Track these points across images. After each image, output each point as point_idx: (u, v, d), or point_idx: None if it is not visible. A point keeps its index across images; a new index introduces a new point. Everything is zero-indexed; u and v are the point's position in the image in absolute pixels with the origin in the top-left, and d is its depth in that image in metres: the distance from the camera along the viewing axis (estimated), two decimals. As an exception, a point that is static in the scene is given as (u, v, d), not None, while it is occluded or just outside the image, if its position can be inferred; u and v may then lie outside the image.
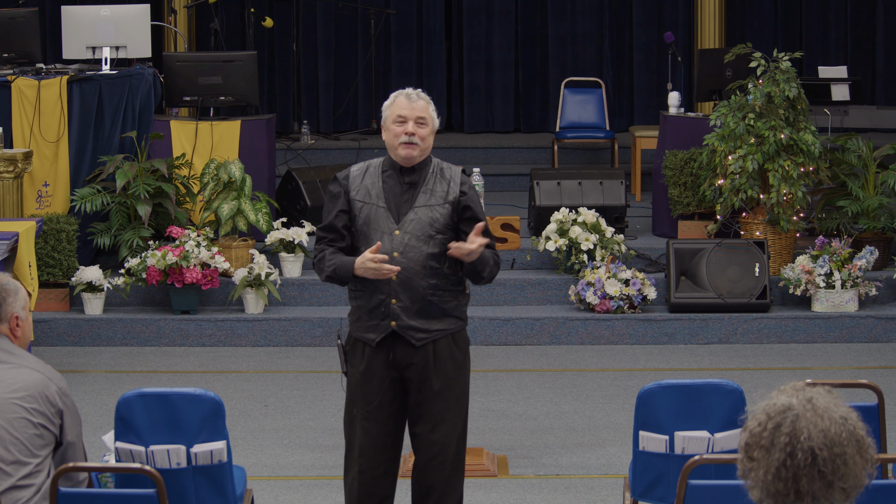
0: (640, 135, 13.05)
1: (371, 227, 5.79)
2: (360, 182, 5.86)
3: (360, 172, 5.90)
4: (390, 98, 5.97)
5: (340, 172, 5.97)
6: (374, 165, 5.94)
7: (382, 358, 5.81)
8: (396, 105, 5.87)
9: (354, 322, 5.88)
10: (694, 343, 10.34)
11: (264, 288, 10.33)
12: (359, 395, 5.88)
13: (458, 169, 6.01)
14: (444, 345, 5.83)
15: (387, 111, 5.91)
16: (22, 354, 4.85)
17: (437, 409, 5.88)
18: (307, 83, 15.40)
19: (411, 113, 5.83)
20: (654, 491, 5.75)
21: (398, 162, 5.87)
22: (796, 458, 3.06)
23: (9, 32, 11.09)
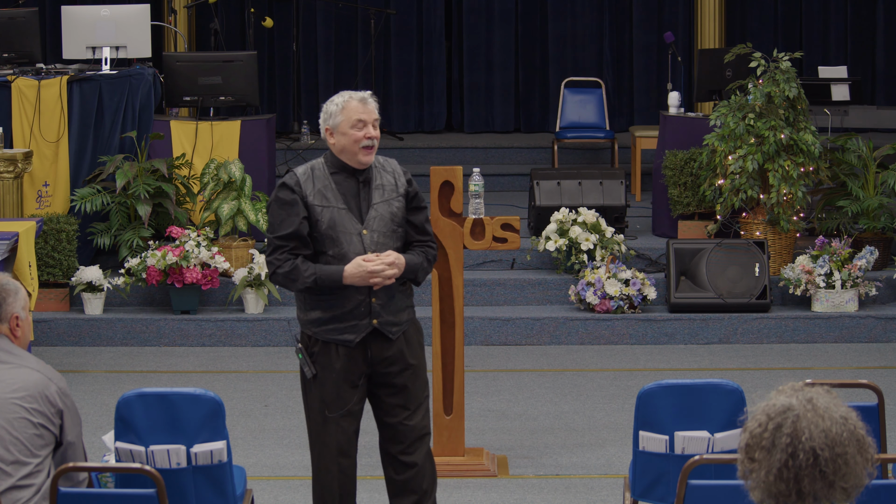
0: (640, 135, 13.06)
1: (337, 229, 5.77)
2: (312, 186, 5.82)
3: (307, 177, 5.84)
4: (337, 103, 5.94)
5: (288, 178, 5.84)
6: (317, 168, 5.88)
7: (360, 356, 5.83)
8: (352, 110, 5.87)
9: (323, 326, 5.81)
10: (694, 343, 10.34)
11: (264, 288, 10.33)
12: (333, 396, 5.87)
13: (392, 160, 6.08)
14: (410, 333, 5.94)
15: (339, 116, 5.89)
16: (22, 354, 4.85)
17: (413, 396, 5.96)
18: (307, 83, 15.40)
19: (369, 116, 5.86)
20: (654, 491, 5.76)
21: (353, 165, 5.85)
22: (798, 459, 3.06)
23: (9, 32, 11.09)
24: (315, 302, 5.81)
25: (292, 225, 5.77)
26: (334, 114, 5.94)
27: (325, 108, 6.00)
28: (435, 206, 7.48)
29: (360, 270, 5.69)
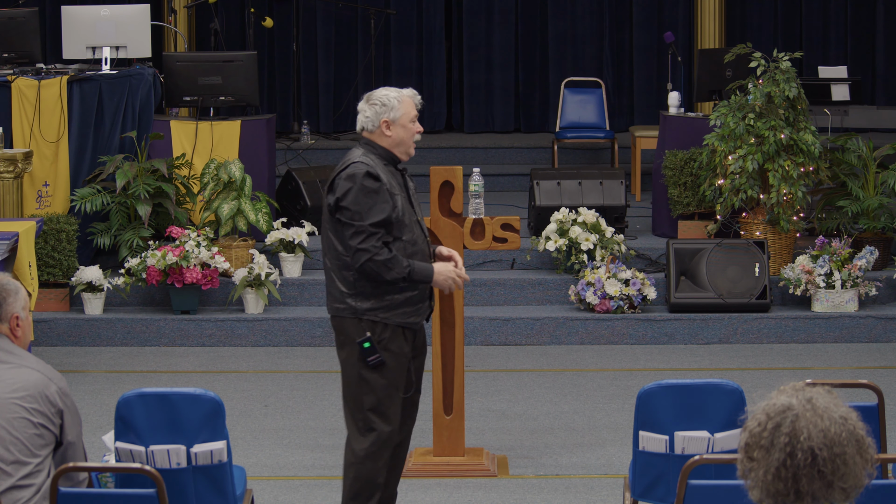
0: (640, 135, 13.06)
1: (406, 216, 6.08)
2: (382, 175, 6.03)
3: (375, 165, 6.04)
4: (393, 97, 6.12)
5: (367, 167, 5.99)
6: (371, 158, 6.06)
7: (412, 339, 6.18)
8: (409, 105, 6.15)
9: (396, 310, 6.04)
10: (694, 343, 10.34)
11: (264, 288, 10.33)
12: (401, 377, 6.10)
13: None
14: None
15: (399, 110, 6.09)
16: (22, 354, 4.85)
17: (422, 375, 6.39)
18: (307, 83, 15.40)
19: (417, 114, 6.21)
20: (654, 491, 5.76)
21: (402, 158, 6.15)
22: (796, 458, 3.06)
23: (9, 32, 11.09)
24: (398, 290, 6.03)
25: (384, 212, 5.97)
26: (394, 107, 6.12)
27: (380, 101, 6.13)
28: (435, 206, 7.48)
29: (450, 275, 6.10)
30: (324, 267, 6.17)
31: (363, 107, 6.16)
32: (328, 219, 6.09)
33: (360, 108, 6.18)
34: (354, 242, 5.97)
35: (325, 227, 6.12)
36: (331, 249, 6.08)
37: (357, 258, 5.97)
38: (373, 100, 6.16)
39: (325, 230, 6.11)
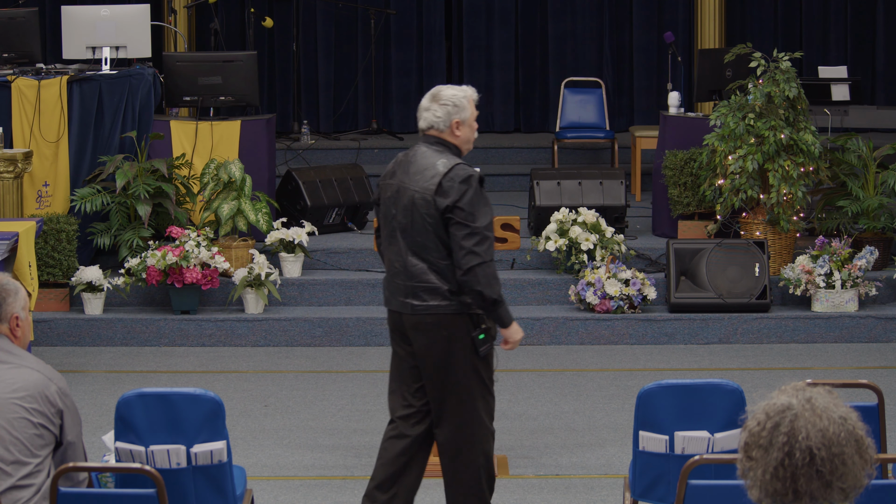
0: (640, 135, 13.05)
1: None
2: None
3: None
4: (462, 96, 6.16)
5: (474, 170, 6.07)
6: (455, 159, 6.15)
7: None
8: (473, 105, 6.18)
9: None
10: (694, 343, 10.34)
11: (264, 288, 10.33)
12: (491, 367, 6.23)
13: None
14: None
15: (468, 109, 6.16)
16: (22, 354, 4.85)
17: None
18: (307, 83, 15.40)
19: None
20: (654, 491, 5.76)
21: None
22: (794, 458, 3.06)
23: (9, 32, 11.09)
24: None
25: (489, 216, 6.08)
26: (464, 108, 6.17)
27: (451, 101, 6.15)
28: (435, 206, 7.46)
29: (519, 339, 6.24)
30: (407, 266, 6.11)
31: (432, 105, 6.15)
32: (430, 217, 6.04)
33: (428, 106, 6.16)
34: (469, 244, 6.00)
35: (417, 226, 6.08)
36: (434, 248, 6.06)
37: (467, 260, 5.98)
38: (443, 100, 6.15)
39: (421, 229, 6.07)
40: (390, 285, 6.20)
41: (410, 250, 6.10)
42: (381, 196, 6.27)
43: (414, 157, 6.18)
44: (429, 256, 6.07)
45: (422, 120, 6.18)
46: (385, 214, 6.22)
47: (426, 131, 6.18)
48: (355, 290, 10.71)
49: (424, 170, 6.10)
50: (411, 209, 6.08)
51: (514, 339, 6.18)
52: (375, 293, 10.67)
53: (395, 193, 6.16)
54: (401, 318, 6.16)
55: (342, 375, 9.57)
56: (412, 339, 6.15)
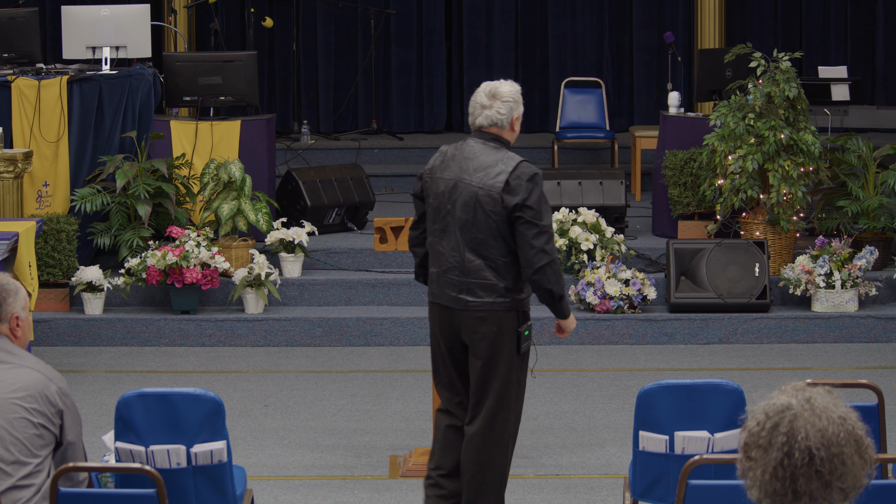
0: (640, 135, 13.05)
1: None
2: None
3: None
4: (516, 93, 6.24)
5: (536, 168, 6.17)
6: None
7: None
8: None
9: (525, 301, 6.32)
10: (694, 343, 10.34)
11: (264, 288, 10.33)
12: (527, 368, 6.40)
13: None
14: None
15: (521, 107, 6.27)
16: (22, 354, 4.85)
17: None
18: (307, 83, 15.40)
19: None
20: (654, 491, 5.76)
21: None
22: (793, 458, 3.06)
23: (9, 32, 11.09)
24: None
25: (550, 213, 6.18)
26: (521, 102, 6.29)
27: (512, 98, 6.22)
28: (435, 206, 7.46)
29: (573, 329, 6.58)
30: (465, 262, 6.15)
31: (494, 103, 6.18)
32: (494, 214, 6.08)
33: (489, 104, 6.18)
34: (539, 243, 6.05)
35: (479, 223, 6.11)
36: (494, 246, 6.10)
37: (539, 259, 6.05)
38: (504, 97, 6.18)
39: (483, 226, 6.11)
40: (441, 280, 6.21)
41: (468, 246, 6.13)
42: (428, 189, 6.25)
43: (470, 152, 6.19)
44: (488, 253, 6.10)
45: (481, 117, 6.18)
46: (437, 208, 6.20)
47: (485, 128, 6.20)
48: (355, 290, 10.71)
49: (487, 167, 6.12)
50: (473, 206, 6.10)
51: (570, 328, 6.49)
52: (375, 293, 10.68)
53: (451, 189, 6.16)
54: (450, 312, 6.19)
55: (342, 375, 9.57)
56: (461, 331, 6.20)
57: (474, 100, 6.21)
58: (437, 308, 6.25)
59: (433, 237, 6.24)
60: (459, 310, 6.15)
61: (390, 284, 10.71)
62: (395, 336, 10.31)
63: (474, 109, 6.21)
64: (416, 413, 8.62)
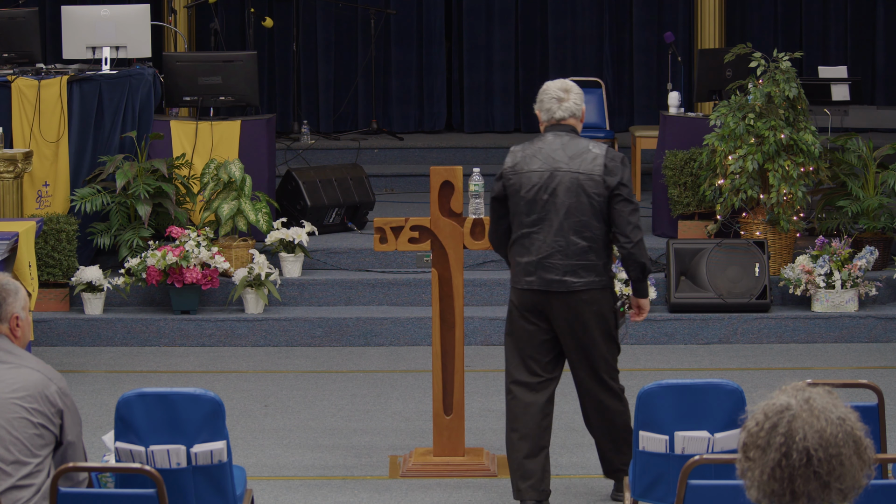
0: (640, 135, 13.05)
1: None
2: None
3: None
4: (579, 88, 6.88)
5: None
6: None
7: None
8: None
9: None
10: (694, 343, 10.34)
11: (264, 288, 10.33)
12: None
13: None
14: None
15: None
16: (22, 354, 4.85)
17: None
18: (307, 83, 15.40)
19: None
20: (654, 491, 5.76)
21: None
22: (791, 459, 3.06)
23: (9, 32, 11.09)
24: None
25: None
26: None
27: (579, 91, 6.88)
28: (435, 206, 7.48)
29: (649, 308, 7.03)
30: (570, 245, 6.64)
31: (570, 96, 6.78)
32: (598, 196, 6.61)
33: (565, 97, 6.77)
34: (634, 219, 6.63)
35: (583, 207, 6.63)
36: (595, 227, 6.63)
37: (635, 234, 6.62)
38: (575, 90, 6.81)
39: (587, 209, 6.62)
40: (541, 266, 6.66)
41: (573, 230, 6.64)
42: (514, 186, 6.72)
43: (557, 144, 6.73)
44: (590, 235, 6.63)
45: (560, 110, 6.77)
46: (533, 200, 6.66)
47: (564, 120, 6.77)
48: (355, 290, 10.71)
49: (581, 154, 6.67)
50: (577, 191, 6.62)
51: (647, 308, 6.90)
52: (375, 293, 10.68)
53: (546, 179, 6.65)
54: (546, 296, 6.67)
55: (342, 375, 9.57)
56: (558, 313, 6.69)
57: (547, 96, 6.79)
58: (530, 294, 6.71)
59: (526, 228, 6.69)
60: (561, 292, 6.66)
61: (390, 284, 10.72)
62: (395, 336, 10.31)
63: (550, 105, 6.78)
64: (416, 413, 8.62)
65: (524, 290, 6.71)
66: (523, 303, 6.73)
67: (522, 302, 6.73)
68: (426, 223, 7.51)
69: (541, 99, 6.85)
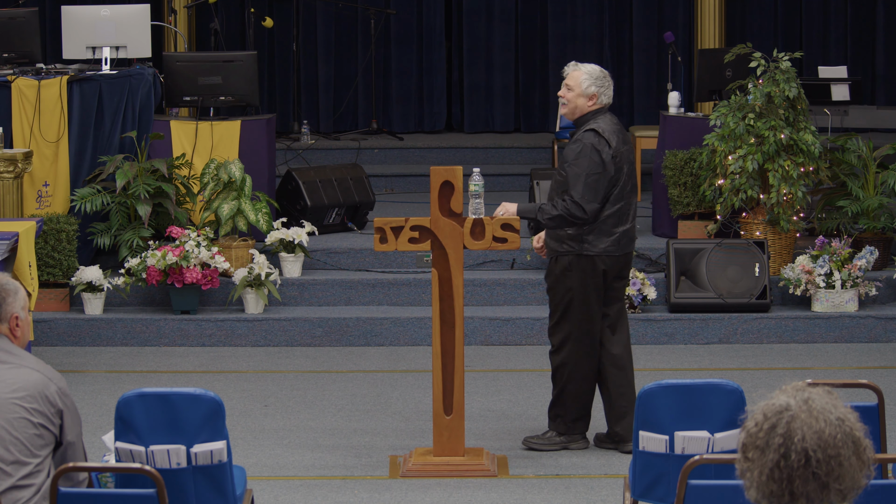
0: (640, 135, 13.05)
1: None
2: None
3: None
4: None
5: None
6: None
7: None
8: None
9: None
10: (694, 343, 10.34)
11: (264, 288, 10.33)
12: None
13: (588, 127, 7.65)
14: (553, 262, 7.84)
15: None
16: (22, 354, 4.85)
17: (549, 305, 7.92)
18: (307, 83, 15.40)
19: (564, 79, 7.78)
20: (654, 491, 5.76)
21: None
22: (790, 460, 3.06)
23: (9, 32, 11.09)
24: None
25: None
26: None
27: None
28: (435, 206, 7.48)
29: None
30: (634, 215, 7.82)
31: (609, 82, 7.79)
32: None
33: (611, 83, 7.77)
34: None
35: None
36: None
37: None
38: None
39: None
40: (630, 233, 7.77)
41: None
42: (621, 161, 7.64)
43: (619, 125, 7.78)
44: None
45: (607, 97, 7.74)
46: (630, 173, 7.71)
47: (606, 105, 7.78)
48: (355, 290, 10.71)
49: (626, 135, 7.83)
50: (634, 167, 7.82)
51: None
52: (375, 293, 10.68)
53: (631, 153, 7.76)
54: (625, 259, 7.78)
55: (342, 375, 9.57)
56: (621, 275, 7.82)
57: (607, 78, 7.71)
58: (624, 259, 7.75)
59: (627, 200, 7.70)
60: (633, 253, 7.90)
61: (390, 284, 10.72)
62: (395, 336, 10.31)
63: (610, 86, 7.75)
64: (416, 413, 8.62)
65: (619, 256, 7.70)
66: (613, 268, 7.68)
67: (612, 267, 7.68)
68: (426, 223, 7.51)
69: (606, 84, 7.72)
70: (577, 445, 7.89)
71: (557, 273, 7.74)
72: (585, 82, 7.69)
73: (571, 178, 7.56)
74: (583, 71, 7.72)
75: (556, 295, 7.78)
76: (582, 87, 7.69)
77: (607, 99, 7.75)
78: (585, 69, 7.73)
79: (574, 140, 7.67)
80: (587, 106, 7.71)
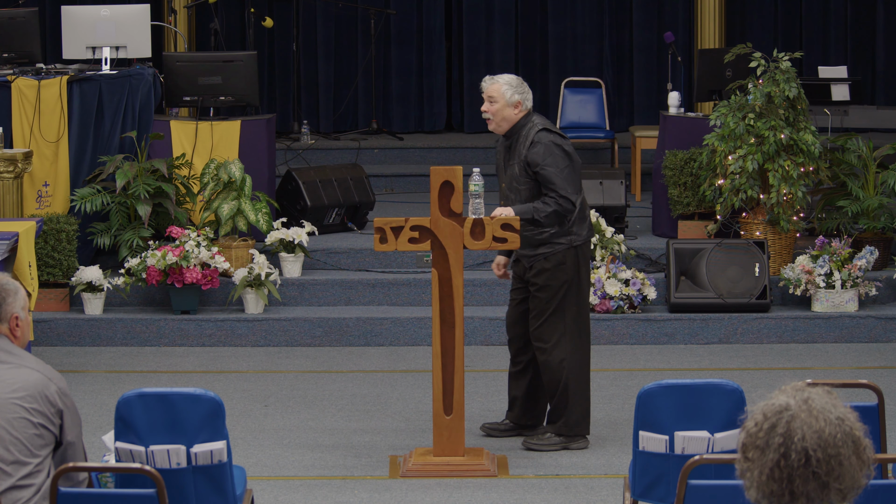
0: (640, 135, 13.05)
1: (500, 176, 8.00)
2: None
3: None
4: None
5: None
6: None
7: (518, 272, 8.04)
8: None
9: None
10: (694, 343, 10.34)
11: (264, 288, 10.33)
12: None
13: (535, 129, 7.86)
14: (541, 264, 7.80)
15: None
16: (22, 354, 4.85)
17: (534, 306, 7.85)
18: (307, 83, 15.40)
19: (485, 95, 7.85)
20: (654, 491, 5.76)
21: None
22: (790, 459, 3.06)
23: (9, 32, 11.09)
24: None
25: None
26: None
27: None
28: (435, 206, 7.49)
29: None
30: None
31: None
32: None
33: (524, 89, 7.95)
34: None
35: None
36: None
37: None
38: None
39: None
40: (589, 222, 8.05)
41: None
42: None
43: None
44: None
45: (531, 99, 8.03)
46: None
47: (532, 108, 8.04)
48: (355, 290, 10.72)
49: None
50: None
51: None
52: (375, 293, 10.68)
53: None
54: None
55: (342, 375, 9.57)
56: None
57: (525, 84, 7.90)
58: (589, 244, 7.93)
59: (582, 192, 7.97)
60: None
61: (390, 284, 10.72)
62: (395, 336, 10.31)
63: (530, 92, 7.97)
64: (416, 413, 8.62)
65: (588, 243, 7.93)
66: (585, 257, 7.85)
67: (588, 254, 7.89)
68: (426, 223, 7.51)
69: (526, 89, 7.94)
70: (577, 445, 7.88)
71: (551, 268, 7.79)
72: (508, 92, 7.80)
73: (549, 177, 7.73)
74: (501, 82, 7.82)
75: (550, 291, 7.80)
76: (505, 97, 7.80)
77: (530, 104, 7.94)
78: (503, 79, 7.83)
79: (533, 144, 7.78)
80: (514, 115, 7.85)
